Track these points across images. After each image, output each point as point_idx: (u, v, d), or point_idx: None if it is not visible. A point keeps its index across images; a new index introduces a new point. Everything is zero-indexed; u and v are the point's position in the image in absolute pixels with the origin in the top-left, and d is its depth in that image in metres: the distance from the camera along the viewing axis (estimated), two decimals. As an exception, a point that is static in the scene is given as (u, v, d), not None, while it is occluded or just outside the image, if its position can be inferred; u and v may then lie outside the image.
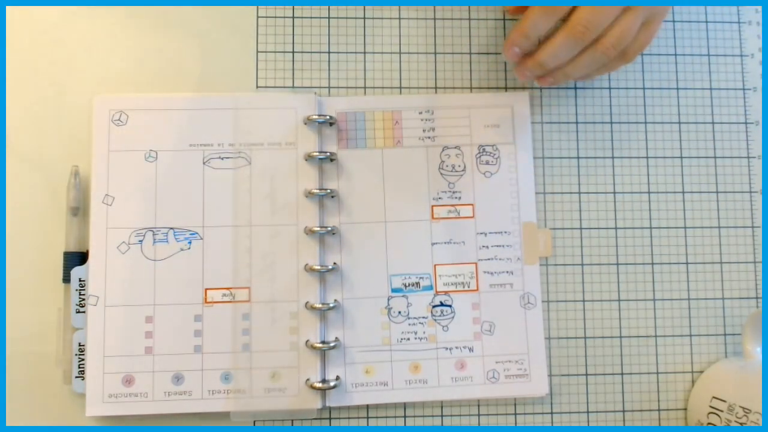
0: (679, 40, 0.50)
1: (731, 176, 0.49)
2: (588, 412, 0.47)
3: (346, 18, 0.48)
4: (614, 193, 0.49)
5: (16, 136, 0.46)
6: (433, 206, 0.47)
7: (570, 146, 0.49)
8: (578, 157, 0.49)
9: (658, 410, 0.47)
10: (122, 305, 0.44)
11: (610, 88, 0.49)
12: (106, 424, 0.44)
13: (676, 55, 0.50)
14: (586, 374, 0.47)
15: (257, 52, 0.48)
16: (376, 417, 0.46)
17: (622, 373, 0.47)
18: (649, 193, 0.49)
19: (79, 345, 0.44)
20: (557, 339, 0.47)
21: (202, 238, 0.45)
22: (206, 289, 0.45)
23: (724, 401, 0.43)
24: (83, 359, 0.44)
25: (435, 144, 0.47)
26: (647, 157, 0.49)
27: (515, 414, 0.47)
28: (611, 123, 0.49)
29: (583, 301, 0.48)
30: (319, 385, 0.44)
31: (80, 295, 0.44)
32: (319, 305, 0.45)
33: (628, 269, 0.48)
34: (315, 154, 0.45)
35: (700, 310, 0.48)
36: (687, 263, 0.48)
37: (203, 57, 0.47)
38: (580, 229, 0.48)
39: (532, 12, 0.41)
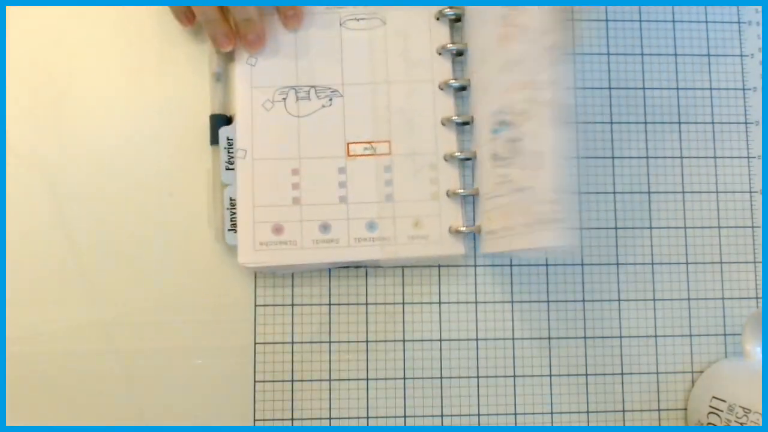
0: (679, 40, 0.50)
1: (731, 176, 0.49)
2: (588, 412, 0.47)
3: None
4: (614, 193, 0.49)
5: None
6: None
7: (570, 146, 0.49)
8: (578, 157, 0.49)
9: (658, 410, 0.47)
10: (269, 159, 0.46)
11: (610, 88, 0.49)
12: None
13: (676, 55, 0.50)
14: (586, 374, 0.47)
15: None
16: (376, 417, 0.46)
17: (622, 373, 0.47)
18: (649, 193, 0.49)
19: (230, 200, 0.45)
20: (557, 339, 0.47)
21: (342, 96, 0.47)
22: (348, 143, 0.46)
23: (724, 401, 0.43)
24: (234, 213, 0.45)
25: None
26: (647, 157, 0.49)
27: (515, 414, 0.47)
28: (611, 123, 0.49)
29: (584, 301, 0.48)
30: (463, 229, 0.45)
31: (228, 153, 0.45)
32: (458, 155, 0.46)
33: (628, 269, 0.48)
34: (446, 11, 0.47)
35: (700, 310, 0.48)
36: (687, 263, 0.48)
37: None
38: (580, 229, 0.48)
39: None
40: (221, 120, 0.46)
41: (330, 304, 0.47)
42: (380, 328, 0.47)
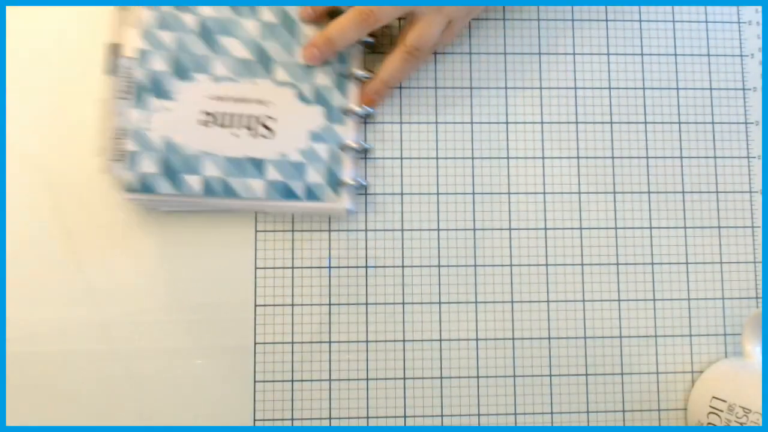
0: (679, 40, 0.50)
1: (731, 176, 0.49)
2: (588, 412, 0.47)
3: None
4: (614, 193, 0.49)
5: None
6: None
7: (570, 146, 0.49)
8: (578, 157, 0.49)
9: (658, 410, 0.47)
10: None
11: (610, 88, 0.49)
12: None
13: (676, 55, 0.50)
14: (586, 374, 0.47)
15: None
16: (376, 417, 0.46)
17: (622, 373, 0.47)
18: (649, 193, 0.49)
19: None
20: (557, 339, 0.47)
21: None
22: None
23: (724, 401, 0.43)
24: (121, 143, 0.44)
25: None
26: (647, 157, 0.49)
27: (515, 414, 0.47)
28: (611, 123, 0.49)
29: (583, 301, 0.48)
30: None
31: (127, 83, 0.44)
32: None
33: (628, 269, 0.48)
34: None
35: (700, 310, 0.48)
36: (687, 263, 0.48)
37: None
38: (580, 229, 0.48)
39: (346, 21, 0.44)
40: (118, 48, 0.45)
41: (330, 304, 0.47)
42: (380, 328, 0.47)
